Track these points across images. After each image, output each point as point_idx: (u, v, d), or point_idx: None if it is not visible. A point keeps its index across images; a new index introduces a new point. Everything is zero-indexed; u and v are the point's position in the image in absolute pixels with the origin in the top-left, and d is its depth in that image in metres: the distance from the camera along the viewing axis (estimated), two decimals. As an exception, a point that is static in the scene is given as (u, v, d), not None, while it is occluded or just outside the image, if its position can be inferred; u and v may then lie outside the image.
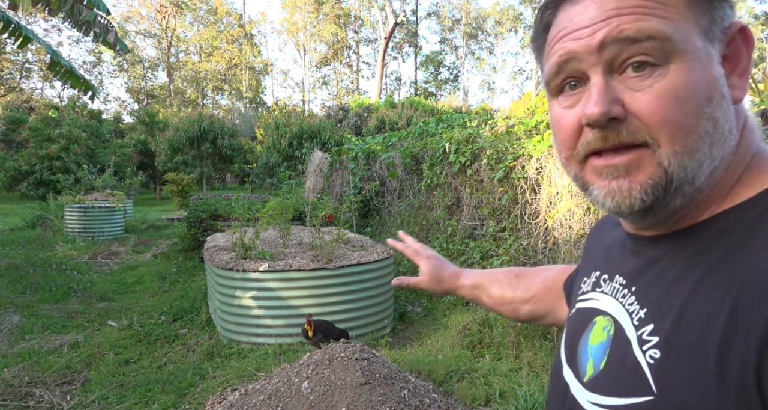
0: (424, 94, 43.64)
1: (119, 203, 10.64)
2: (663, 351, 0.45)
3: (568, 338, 0.62)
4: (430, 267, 0.99)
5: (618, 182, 0.47)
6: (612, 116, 0.45)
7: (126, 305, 5.28)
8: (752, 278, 0.40)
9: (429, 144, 6.58)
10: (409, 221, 6.40)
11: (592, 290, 0.62)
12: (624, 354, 0.49)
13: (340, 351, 2.43)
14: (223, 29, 45.07)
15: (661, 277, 0.49)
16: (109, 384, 3.29)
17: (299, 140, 14.68)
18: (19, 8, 5.16)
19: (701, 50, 0.45)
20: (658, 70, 0.44)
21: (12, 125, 21.82)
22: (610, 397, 0.49)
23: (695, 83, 0.44)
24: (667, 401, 0.43)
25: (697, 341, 0.42)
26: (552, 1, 0.51)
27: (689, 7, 0.45)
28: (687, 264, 0.47)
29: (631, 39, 0.44)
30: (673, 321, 0.45)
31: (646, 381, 0.45)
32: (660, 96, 0.44)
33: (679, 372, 0.42)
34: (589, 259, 0.70)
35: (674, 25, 0.44)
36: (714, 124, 0.45)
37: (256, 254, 4.03)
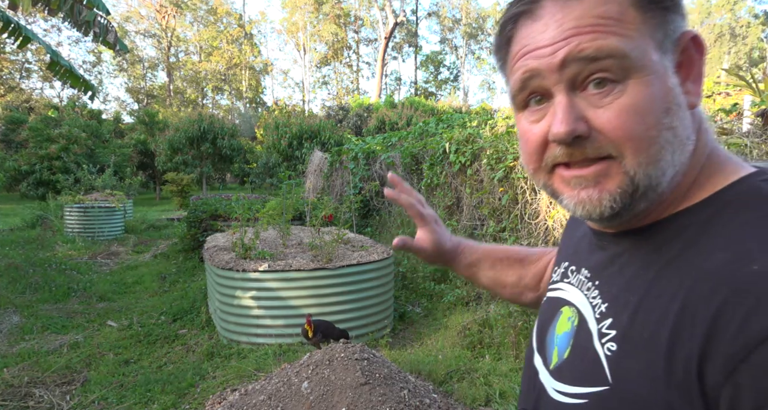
0: (424, 94, 43.63)
1: (119, 203, 10.63)
2: (619, 344, 0.47)
3: (539, 326, 0.65)
4: (435, 237, 0.89)
5: (587, 191, 0.49)
6: (577, 134, 0.47)
7: (126, 305, 5.28)
8: (700, 278, 0.42)
9: (429, 144, 6.58)
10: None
11: (561, 281, 0.65)
12: (585, 345, 0.52)
13: (340, 351, 2.43)
14: (223, 29, 45.07)
15: (621, 273, 0.52)
16: (109, 384, 3.28)
17: (299, 140, 14.68)
18: (19, 8, 5.16)
19: (657, 64, 0.47)
20: (618, 86, 0.46)
21: (12, 125, 21.81)
22: (571, 386, 0.52)
23: (653, 97, 0.46)
24: (621, 391, 0.46)
25: (649, 336, 0.44)
26: (512, 17, 0.52)
27: (644, 23, 0.47)
28: (644, 262, 0.50)
29: (590, 57, 0.46)
30: (630, 316, 0.47)
31: (604, 372, 0.48)
32: (621, 112, 0.46)
33: (633, 364, 0.45)
34: (561, 249, 0.73)
35: (631, 41, 0.46)
36: (673, 133, 0.47)
37: (256, 254, 4.02)
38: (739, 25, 36.61)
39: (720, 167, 0.50)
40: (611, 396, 0.47)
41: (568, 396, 0.52)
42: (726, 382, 0.38)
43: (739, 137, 3.64)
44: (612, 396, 0.46)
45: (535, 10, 0.50)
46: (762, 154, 3.47)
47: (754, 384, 0.37)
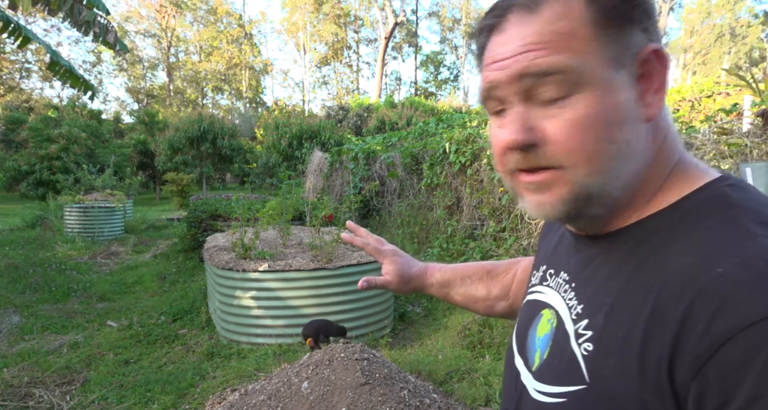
0: (424, 94, 43.62)
1: (119, 203, 10.63)
2: (595, 344, 0.49)
3: (519, 328, 0.67)
4: (397, 267, 0.93)
5: (540, 196, 0.53)
6: (527, 143, 0.50)
7: (126, 305, 5.28)
8: (668, 280, 0.45)
9: (429, 144, 6.58)
10: (409, 221, 6.40)
11: (540, 284, 0.67)
12: (563, 346, 0.54)
13: (340, 352, 2.43)
14: (223, 29, 45.06)
15: (597, 275, 0.54)
16: (109, 384, 3.28)
17: (299, 140, 14.67)
18: (19, 8, 5.16)
19: (606, 79, 0.49)
20: (566, 100, 0.49)
21: (12, 125, 21.81)
22: (551, 385, 0.54)
23: (598, 111, 0.49)
24: (597, 390, 0.48)
25: (623, 336, 0.46)
26: (484, 27, 0.55)
27: (597, 39, 0.49)
28: (618, 264, 0.52)
29: (541, 72, 0.49)
30: (605, 317, 0.50)
31: (581, 372, 0.50)
32: (567, 125, 0.49)
33: (608, 364, 0.47)
34: (539, 253, 0.75)
35: (581, 57, 0.48)
36: (620, 145, 0.49)
37: (256, 254, 4.02)
38: (739, 25, 36.58)
39: (686, 173, 0.53)
40: (588, 394, 0.49)
41: (548, 395, 0.54)
42: (693, 380, 0.40)
43: (739, 137, 3.64)
44: (589, 395, 0.48)
45: (501, 23, 0.52)
46: (762, 154, 3.47)
47: (719, 381, 0.38)
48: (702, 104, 6.00)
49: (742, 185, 0.50)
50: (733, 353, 0.38)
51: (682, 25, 40.52)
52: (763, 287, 0.39)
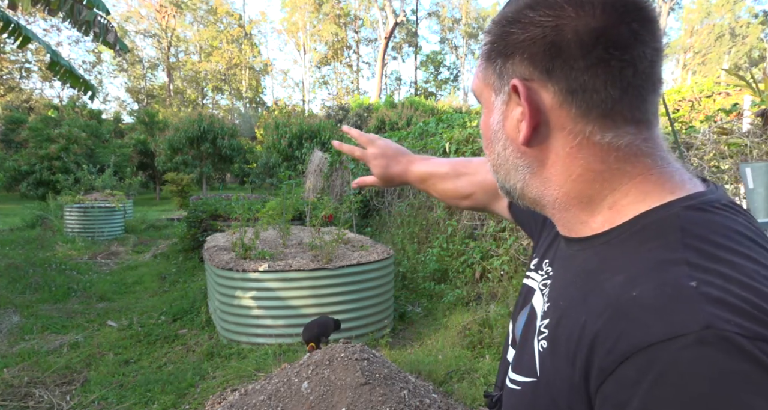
0: (424, 94, 43.61)
1: (119, 203, 10.63)
2: (548, 343, 0.54)
3: (514, 315, 0.73)
4: (379, 170, 1.06)
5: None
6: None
7: (126, 305, 5.28)
8: (599, 295, 0.48)
9: (429, 144, 6.58)
10: (409, 221, 6.39)
11: (534, 271, 0.72)
12: (530, 339, 0.59)
13: (340, 351, 2.43)
14: (223, 29, 45.06)
15: (564, 277, 0.59)
16: (109, 384, 3.28)
17: (299, 140, 14.67)
18: (19, 8, 5.16)
19: (489, 102, 0.60)
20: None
21: (12, 125, 21.81)
22: (516, 374, 0.60)
23: (483, 125, 0.62)
24: (543, 384, 0.53)
25: (564, 341, 0.50)
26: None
27: (483, 71, 0.59)
28: (577, 270, 0.55)
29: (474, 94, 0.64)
30: (557, 320, 0.53)
31: (534, 365, 0.56)
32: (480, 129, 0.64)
33: (551, 363, 0.52)
34: (538, 241, 0.79)
35: (476, 84, 0.62)
36: (496, 157, 0.60)
37: (256, 254, 4.02)
38: (739, 25, 36.57)
39: (647, 193, 0.53)
40: (536, 387, 0.54)
41: (514, 383, 0.60)
42: (597, 391, 0.44)
43: (739, 137, 3.64)
44: (537, 387, 0.54)
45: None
46: (762, 154, 3.47)
47: (615, 395, 0.42)
48: (702, 104, 6.00)
49: (706, 206, 0.50)
50: (628, 372, 0.41)
51: (682, 25, 40.51)
52: (664, 313, 0.41)
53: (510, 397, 0.61)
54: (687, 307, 0.40)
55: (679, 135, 3.80)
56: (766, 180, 2.65)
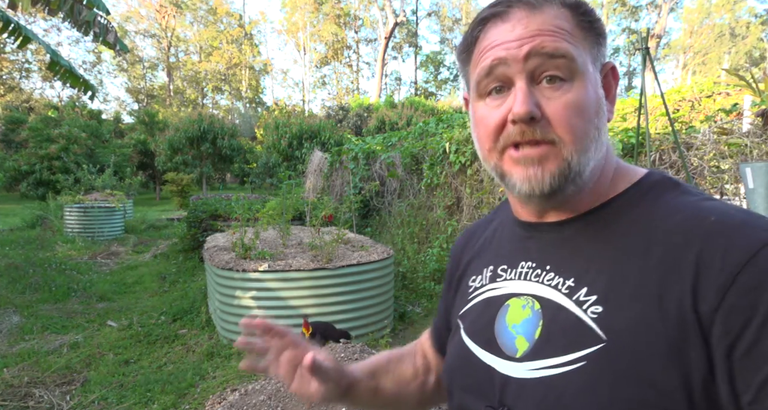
0: (424, 94, 43.60)
1: (119, 203, 10.63)
2: (604, 305, 0.54)
3: (475, 328, 0.68)
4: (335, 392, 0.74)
5: (533, 169, 0.58)
6: (534, 116, 0.56)
7: (126, 305, 5.28)
8: (669, 234, 0.53)
9: (429, 144, 6.58)
10: (409, 221, 6.39)
11: (491, 282, 0.69)
12: (562, 319, 0.57)
13: (340, 351, 2.43)
14: (223, 29, 45.05)
15: (578, 251, 0.60)
16: (109, 384, 3.28)
17: (299, 140, 14.67)
18: (19, 8, 5.16)
19: (593, 74, 0.59)
20: (565, 85, 0.57)
21: (12, 125, 21.80)
22: (559, 356, 0.55)
23: (590, 99, 0.58)
24: (617, 342, 0.52)
25: (631, 291, 0.52)
26: (483, 19, 0.61)
27: (586, 40, 0.59)
28: (599, 237, 0.59)
29: (549, 54, 0.56)
30: (607, 281, 0.55)
31: (594, 332, 0.53)
32: (566, 106, 0.56)
33: (624, 317, 0.52)
34: (467, 266, 0.77)
35: (578, 50, 0.57)
36: (598, 132, 0.59)
37: (256, 254, 4.02)
38: (739, 25, 36.55)
39: (626, 170, 0.64)
40: (609, 348, 0.52)
41: (555, 367, 0.55)
42: (720, 306, 0.47)
43: (739, 137, 3.64)
44: (610, 348, 0.52)
45: (505, 14, 0.59)
46: (762, 154, 3.47)
47: (742, 303, 0.46)
48: (702, 104, 6.00)
49: (666, 173, 0.64)
50: (749, 277, 0.46)
51: (682, 25, 40.51)
52: (751, 225, 0.50)
53: (551, 383, 0.55)
54: (758, 218, 0.51)
55: (679, 135, 3.80)
56: (766, 180, 2.65)
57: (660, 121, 5.12)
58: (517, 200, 0.67)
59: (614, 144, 3.87)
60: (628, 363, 0.50)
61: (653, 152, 3.77)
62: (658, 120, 5.18)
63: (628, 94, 9.63)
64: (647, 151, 3.47)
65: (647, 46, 3.38)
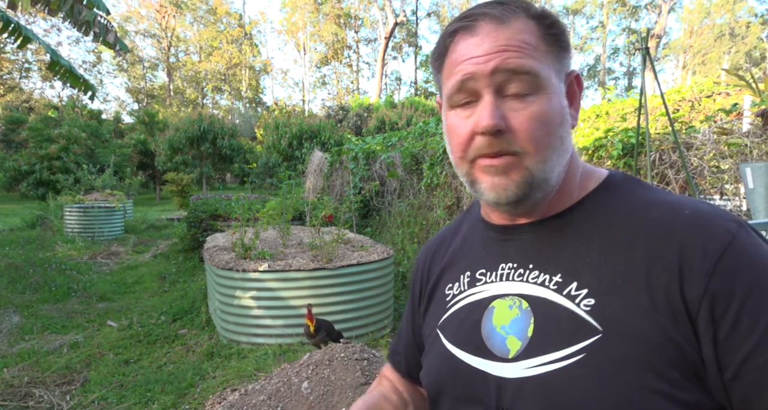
0: (424, 94, 43.56)
1: (119, 203, 10.63)
2: (596, 298, 0.56)
3: (461, 334, 0.67)
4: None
5: (499, 178, 0.61)
6: (499, 128, 0.59)
7: (126, 305, 5.28)
8: (651, 227, 0.57)
9: (429, 144, 6.58)
10: (409, 221, 6.39)
11: (470, 288, 0.70)
12: (555, 313, 0.58)
13: (340, 351, 2.43)
14: (223, 29, 45.04)
15: (561, 248, 0.62)
16: (109, 384, 3.28)
17: (299, 140, 14.66)
18: (18, 8, 5.16)
19: (556, 87, 0.61)
20: (530, 97, 0.59)
21: (12, 125, 21.79)
22: (556, 351, 0.56)
23: (553, 110, 0.60)
24: (614, 332, 0.54)
25: (622, 282, 0.55)
26: (453, 31, 0.63)
27: (551, 54, 0.61)
28: (580, 234, 0.61)
29: (513, 70, 0.58)
30: (596, 274, 0.57)
31: (589, 324, 0.55)
32: (530, 118, 0.59)
33: (617, 307, 0.54)
34: (440, 276, 0.77)
35: (542, 65, 0.59)
36: (561, 141, 0.61)
37: (256, 254, 4.02)
38: (739, 25, 36.53)
39: (591, 172, 0.69)
40: (606, 338, 0.54)
41: (554, 362, 0.56)
42: (705, 293, 0.51)
43: (739, 137, 3.64)
44: (607, 338, 0.54)
45: (474, 27, 0.61)
46: (762, 154, 3.47)
47: (722, 288, 0.51)
48: (702, 104, 6.00)
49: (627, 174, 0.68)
50: (727, 264, 0.51)
51: (682, 25, 40.50)
52: (721, 216, 0.55)
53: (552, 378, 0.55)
54: (723, 212, 0.56)
55: (679, 135, 3.80)
56: (766, 180, 2.65)
57: (660, 121, 5.11)
58: (488, 205, 0.68)
59: (614, 144, 3.87)
60: (626, 350, 0.52)
61: (653, 152, 3.77)
62: (658, 120, 5.18)
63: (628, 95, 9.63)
64: (647, 151, 3.47)
65: (647, 46, 3.38)
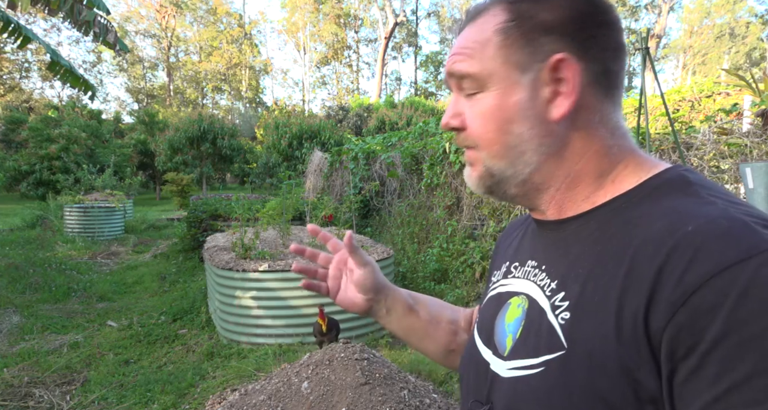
0: (424, 94, 43.58)
1: (119, 203, 10.63)
2: (572, 312, 0.53)
3: (482, 324, 0.69)
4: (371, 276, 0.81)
5: (468, 169, 0.64)
6: (451, 127, 0.61)
7: (126, 305, 5.28)
8: (643, 243, 0.49)
9: (429, 144, 6.57)
10: (409, 221, 6.39)
11: (504, 279, 0.70)
12: (538, 321, 0.57)
13: (340, 351, 2.43)
14: (223, 29, 45.05)
15: (568, 253, 0.58)
16: (109, 384, 3.28)
17: (299, 140, 14.67)
18: (18, 8, 5.16)
19: (509, 81, 0.57)
20: (478, 95, 0.59)
21: (12, 125, 21.80)
22: (527, 359, 0.56)
23: (499, 107, 0.57)
24: (576, 352, 0.50)
25: (599, 300, 0.50)
26: (457, 29, 0.65)
27: (503, 48, 0.57)
28: (589, 239, 0.57)
29: (456, 75, 0.60)
30: (580, 286, 0.53)
31: (558, 339, 0.53)
32: (476, 115, 0.59)
33: (585, 328, 0.50)
34: (496, 259, 0.79)
35: (482, 64, 0.57)
36: (516, 137, 0.57)
37: (255, 254, 4.02)
38: (739, 25, 36.54)
39: (641, 165, 0.59)
40: (567, 358, 0.51)
41: (524, 369, 0.56)
42: (667, 326, 0.44)
43: (739, 137, 3.64)
44: (568, 359, 0.51)
45: (459, 26, 0.64)
46: (762, 154, 3.47)
47: (690, 324, 0.42)
48: (702, 104, 6.00)
49: (691, 170, 0.57)
50: (705, 298, 0.42)
51: (682, 25, 40.49)
52: (730, 239, 0.44)
53: (517, 383, 0.56)
54: (749, 232, 0.44)
55: (679, 135, 3.80)
56: (766, 180, 2.65)
57: (660, 121, 5.12)
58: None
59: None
60: (581, 375, 0.49)
61: (653, 152, 3.77)
62: (658, 120, 5.18)
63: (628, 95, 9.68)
64: (647, 151, 3.47)
65: (647, 46, 3.38)
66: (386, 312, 0.83)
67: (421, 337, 0.85)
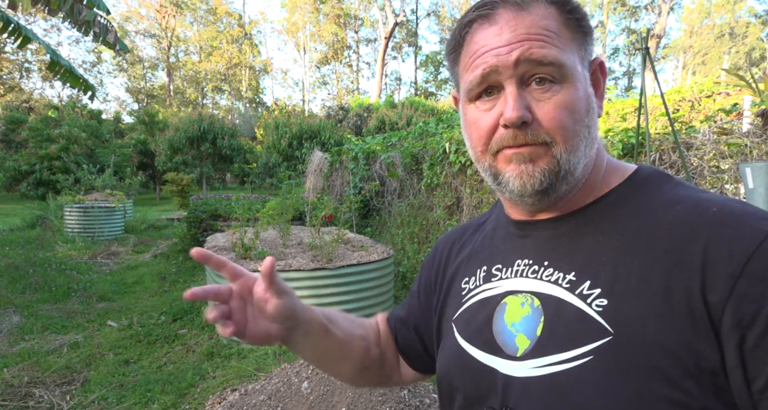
0: (424, 94, 43.60)
1: (119, 203, 10.63)
2: (608, 298, 0.53)
3: (469, 331, 0.67)
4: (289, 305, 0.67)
5: (525, 165, 0.59)
6: (525, 120, 0.57)
7: (126, 305, 5.28)
8: (674, 226, 0.53)
9: (429, 144, 6.58)
10: (409, 221, 6.39)
11: (486, 283, 0.68)
12: (566, 312, 0.56)
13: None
14: (223, 29, 45.05)
15: (577, 246, 0.60)
16: (109, 384, 3.28)
17: (299, 140, 14.67)
18: (19, 8, 5.16)
19: (581, 74, 0.59)
20: (555, 86, 0.57)
21: (12, 125, 21.80)
22: (565, 352, 0.54)
23: (579, 99, 0.58)
24: (625, 335, 0.51)
25: (637, 283, 0.52)
26: (469, 22, 0.61)
27: (574, 41, 0.59)
28: (598, 231, 0.59)
29: (537, 61, 0.56)
30: (611, 273, 0.54)
31: (600, 325, 0.53)
32: (556, 107, 0.57)
33: (628, 310, 0.52)
34: (458, 268, 0.76)
35: (566, 54, 0.58)
36: (588, 130, 0.59)
37: (256, 254, 4.02)
38: (739, 25, 36.54)
39: (617, 166, 0.65)
40: (617, 342, 0.51)
41: (561, 363, 0.54)
42: (730, 297, 0.47)
43: (739, 137, 3.64)
44: (618, 342, 0.51)
45: (492, 16, 0.59)
46: (762, 154, 3.47)
47: (751, 291, 0.47)
48: (702, 104, 6.00)
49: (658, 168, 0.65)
50: (757, 267, 0.47)
51: (682, 25, 40.49)
52: (753, 214, 0.51)
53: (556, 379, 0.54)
54: (757, 208, 0.52)
55: (679, 135, 3.80)
56: (766, 180, 2.65)
57: (660, 121, 5.12)
58: (509, 200, 0.65)
59: (614, 144, 3.87)
60: (637, 356, 0.49)
61: (653, 152, 3.77)
62: (658, 120, 5.18)
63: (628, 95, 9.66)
64: (647, 151, 3.47)
65: (647, 46, 3.38)
66: (303, 336, 0.72)
67: (337, 359, 0.80)
